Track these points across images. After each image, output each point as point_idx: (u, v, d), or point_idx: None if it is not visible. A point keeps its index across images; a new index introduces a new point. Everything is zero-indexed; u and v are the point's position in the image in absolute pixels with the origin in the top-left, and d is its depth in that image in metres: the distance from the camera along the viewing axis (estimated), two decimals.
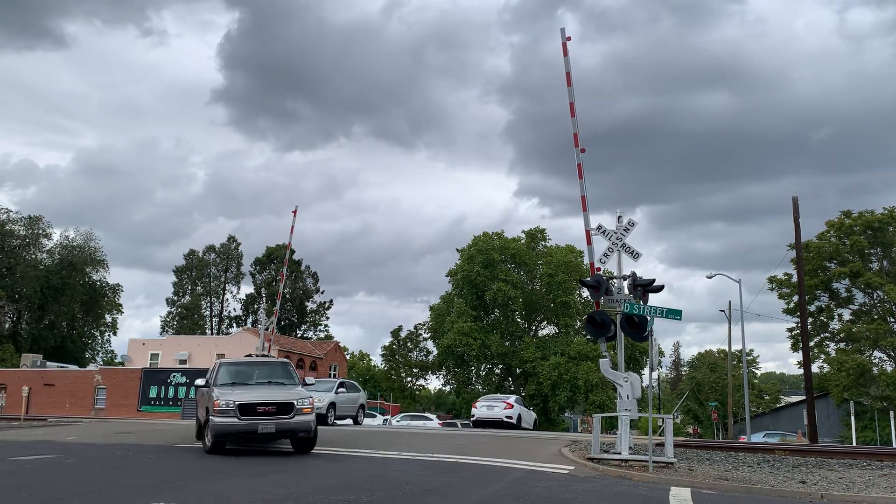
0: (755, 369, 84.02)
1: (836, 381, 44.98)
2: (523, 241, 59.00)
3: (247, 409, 13.22)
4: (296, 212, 28.29)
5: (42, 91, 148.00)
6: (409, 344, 69.23)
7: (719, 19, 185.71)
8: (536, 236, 59.75)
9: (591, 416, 36.08)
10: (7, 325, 62.91)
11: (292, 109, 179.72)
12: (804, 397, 32.96)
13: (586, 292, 40.88)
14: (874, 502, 10.15)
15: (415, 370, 69.10)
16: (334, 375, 52.87)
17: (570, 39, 15.42)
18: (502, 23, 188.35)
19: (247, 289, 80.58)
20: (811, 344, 43.02)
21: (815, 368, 44.33)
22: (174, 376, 42.58)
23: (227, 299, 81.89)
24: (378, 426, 31.29)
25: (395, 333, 69.57)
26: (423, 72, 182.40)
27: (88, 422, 31.50)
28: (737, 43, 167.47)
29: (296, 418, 13.46)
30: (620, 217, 14.89)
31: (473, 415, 29.68)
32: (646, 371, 48.42)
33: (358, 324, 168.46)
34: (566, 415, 64.81)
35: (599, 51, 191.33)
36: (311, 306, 79.49)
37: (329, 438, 16.86)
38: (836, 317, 49.47)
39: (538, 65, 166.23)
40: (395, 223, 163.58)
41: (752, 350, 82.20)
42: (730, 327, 48.09)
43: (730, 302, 67.45)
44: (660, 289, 14.32)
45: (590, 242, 15.04)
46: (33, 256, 66.29)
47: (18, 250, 65.36)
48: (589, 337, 45.13)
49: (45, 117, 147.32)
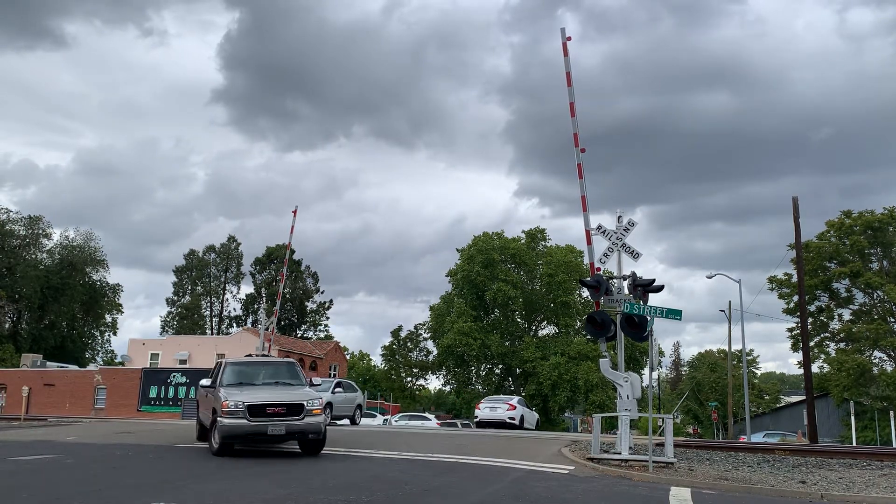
0: (755, 369, 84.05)
1: (836, 381, 44.98)
2: (523, 241, 59.00)
3: (256, 411, 12.92)
4: (296, 212, 28.27)
5: (42, 91, 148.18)
6: (409, 344, 69.24)
7: (719, 19, 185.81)
8: (536, 236, 59.75)
9: (591, 416, 36.08)
10: (7, 325, 62.92)
11: (292, 109, 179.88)
12: (804, 397, 32.96)
13: (586, 292, 40.88)
14: (874, 502, 10.15)
15: (415, 370, 69.11)
16: (334, 375, 52.85)
17: (570, 39, 15.43)
18: (502, 23, 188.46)
19: (247, 289, 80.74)
20: (811, 344, 43.02)
21: (815, 368, 44.36)
22: (174, 376, 42.59)
23: (227, 299, 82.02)
24: (378, 426, 31.28)
25: (395, 333, 69.62)
26: (423, 72, 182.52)
27: (88, 422, 31.50)
28: (737, 43, 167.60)
29: (306, 420, 13.17)
30: (620, 217, 14.89)
31: (477, 416, 29.83)
32: (646, 371, 48.46)
33: (358, 324, 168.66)
34: (566, 415, 64.81)
35: (599, 51, 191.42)
36: (311, 306, 79.50)
37: (329, 438, 16.78)
38: (836, 317, 49.47)
39: (538, 65, 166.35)
40: (395, 223, 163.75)
41: (752, 350, 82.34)
42: (730, 327, 48.16)
43: (730, 302, 67.50)
44: (660, 289, 14.32)
45: (590, 242, 15.03)
46: (33, 256, 66.30)
47: (18, 250, 65.37)
48: (589, 337, 45.13)
49: (45, 117, 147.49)
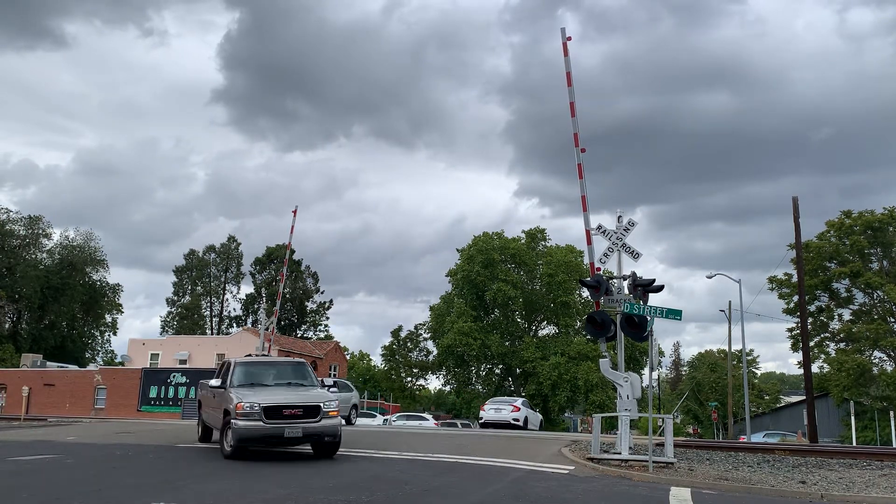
0: (755, 369, 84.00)
1: (836, 381, 44.96)
2: (523, 241, 58.97)
3: (272, 412, 12.53)
4: (296, 212, 28.26)
5: (42, 91, 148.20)
6: (409, 344, 69.19)
7: (719, 19, 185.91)
8: (536, 236, 59.72)
9: (591, 416, 36.09)
10: (7, 325, 62.90)
11: (292, 109, 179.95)
12: (804, 397, 32.95)
13: (586, 292, 40.88)
14: (874, 502, 10.15)
15: (415, 370, 69.09)
16: (334, 375, 52.83)
17: (570, 39, 15.43)
18: (502, 23, 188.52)
19: (247, 289, 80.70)
20: (811, 344, 43.01)
21: (815, 368, 44.34)
22: (174, 376, 42.57)
23: (227, 299, 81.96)
24: (378, 426, 31.29)
25: (395, 333, 69.57)
26: (423, 72, 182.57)
27: (88, 422, 31.51)
28: (737, 43, 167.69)
29: (322, 422, 12.80)
30: (620, 217, 14.89)
31: (481, 417, 30.19)
32: (646, 371, 48.44)
33: (358, 324, 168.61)
34: (566, 415, 64.78)
35: (599, 51, 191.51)
36: (311, 306, 79.47)
37: None
38: (836, 317, 49.44)
39: (538, 65, 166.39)
40: (395, 223, 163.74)
41: (752, 350, 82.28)
42: (730, 327, 48.16)
43: (730, 302, 67.50)
44: (660, 289, 14.32)
45: (590, 242, 15.03)
46: (33, 256, 66.27)
47: (18, 250, 65.34)
48: (589, 337, 45.12)
49: (45, 117, 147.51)
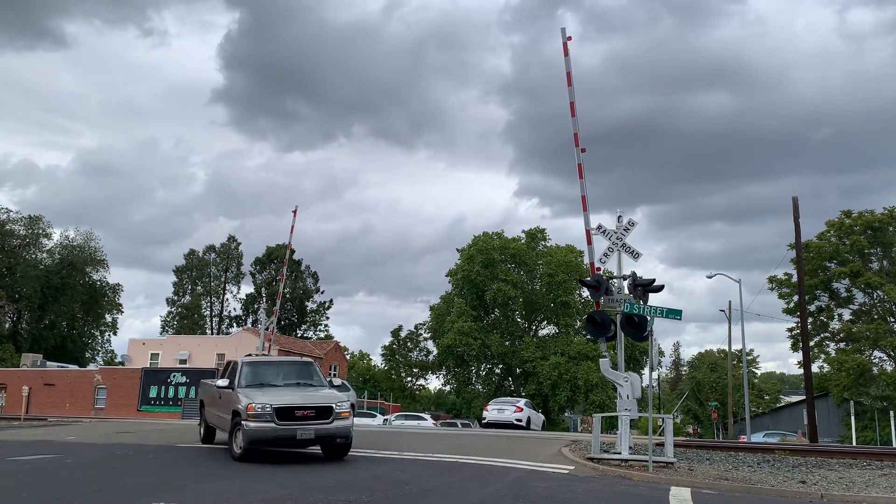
0: (755, 369, 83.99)
1: (836, 381, 44.94)
2: (523, 241, 58.96)
3: (284, 414, 12.29)
4: (296, 212, 28.24)
5: (42, 91, 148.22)
6: (409, 344, 69.20)
7: (719, 19, 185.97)
8: (536, 236, 59.71)
9: (591, 416, 36.07)
10: (7, 325, 62.90)
11: (292, 109, 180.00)
12: (804, 397, 32.95)
13: (586, 292, 40.88)
14: (874, 502, 10.15)
15: (415, 370, 69.09)
16: (334, 375, 52.88)
17: (570, 39, 15.43)
18: (502, 23, 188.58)
19: (247, 289, 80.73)
20: (811, 344, 43.00)
21: (815, 368, 44.33)
22: (174, 376, 42.58)
23: (227, 299, 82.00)
24: (378, 426, 31.29)
25: (395, 333, 69.57)
26: (423, 72, 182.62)
27: (88, 422, 31.52)
28: (737, 43, 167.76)
29: (335, 423, 12.60)
30: (620, 217, 14.89)
31: (484, 417, 30.45)
32: (646, 371, 48.42)
33: (358, 324, 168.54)
34: (566, 415, 64.78)
35: (599, 51, 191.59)
36: (311, 306, 79.49)
37: None
38: (836, 317, 49.41)
39: (538, 65, 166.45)
40: (395, 223, 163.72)
41: (752, 350, 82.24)
42: (730, 327, 48.17)
43: (730, 302, 67.49)
44: (660, 289, 14.32)
45: (590, 242, 15.03)
46: (33, 256, 66.27)
47: (18, 250, 65.35)
48: (589, 337, 45.12)
49: (45, 117, 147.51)
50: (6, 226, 64.39)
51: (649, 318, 13.79)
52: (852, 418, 37.29)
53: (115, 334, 74.68)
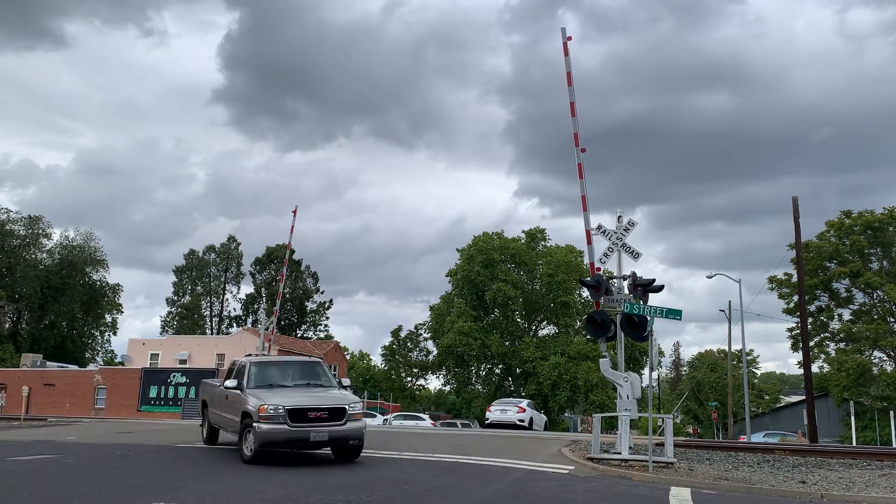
0: (755, 369, 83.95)
1: (836, 381, 44.93)
2: (523, 241, 58.94)
3: (297, 415, 11.97)
4: (296, 212, 28.27)
5: (42, 91, 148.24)
6: (409, 344, 69.18)
7: (719, 19, 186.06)
8: (536, 236, 59.70)
9: (591, 416, 36.07)
10: (7, 325, 62.90)
11: (292, 109, 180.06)
12: (804, 397, 32.94)
13: (586, 292, 40.86)
14: (874, 502, 10.15)
15: (415, 370, 69.08)
16: (334, 376, 52.84)
17: (570, 39, 15.43)
18: (502, 23, 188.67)
19: (247, 289, 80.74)
20: (811, 344, 42.99)
21: (815, 368, 44.31)
22: (174, 376, 42.60)
23: (227, 299, 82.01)
24: (378, 426, 31.29)
25: (395, 333, 69.54)
26: (423, 72, 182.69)
27: (88, 422, 31.52)
28: (737, 43, 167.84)
29: (348, 424, 12.28)
30: (620, 217, 14.89)
31: (488, 418, 30.80)
32: (646, 371, 48.44)
33: (358, 324, 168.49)
34: (566, 415, 64.76)
35: (599, 51, 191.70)
36: (311, 306, 79.49)
37: None
38: (836, 317, 49.39)
39: (538, 65, 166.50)
40: (395, 223, 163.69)
41: (752, 350, 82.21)
42: (730, 327, 48.15)
43: (730, 302, 67.50)
44: (660, 289, 14.32)
45: (590, 242, 15.03)
46: (33, 256, 66.29)
47: (18, 250, 65.36)
48: (589, 337, 45.11)
49: (45, 117, 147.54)
50: (6, 226, 64.41)
51: (649, 318, 13.79)
52: (852, 418, 37.28)
53: (115, 334, 74.85)
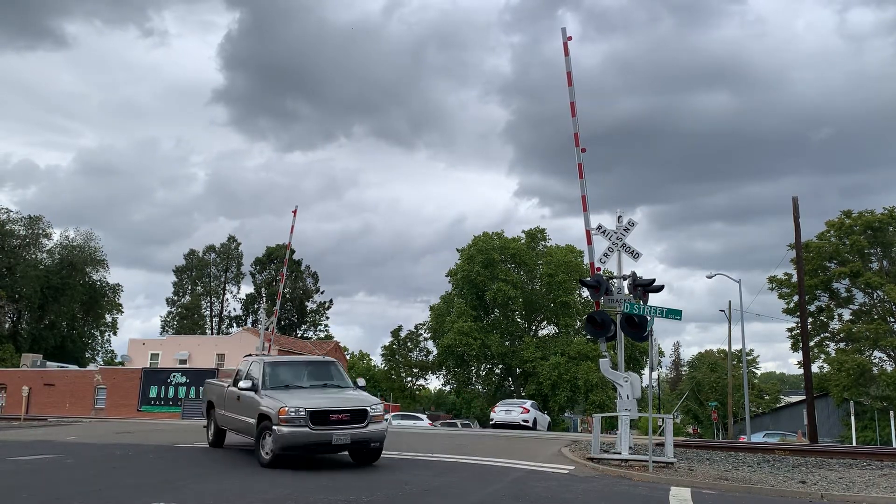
0: (755, 369, 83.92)
1: (836, 381, 44.93)
2: (523, 241, 58.94)
3: (319, 418, 11.53)
4: (296, 212, 28.25)
5: (42, 91, 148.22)
6: (409, 344, 69.15)
7: (719, 19, 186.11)
8: (536, 236, 59.69)
9: (591, 416, 36.08)
10: (7, 325, 62.90)
11: (292, 109, 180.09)
12: (804, 397, 32.94)
13: (586, 292, 40.86)
14: (874, 502, 10.15)
15: (415, 370, 69.06)
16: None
17: (570, 39, 15.44)
18: (502, 23, 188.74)
19: (247, 289, 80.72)
20: (811, 344, 42.99)
21: (815, 368, 44.31)
22: (174, 376, 42.58)
23: (227, 299, 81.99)
24: None
25: (395, 333, 69.51)
26: (423, 72, 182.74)
27: (88, 422, 31.52)
28: (737, 43, 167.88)
29: (370, 426, 11.90)
30: (620, 217, 14.89)
31: (492, 418, 31.28)
32: (646, 371, 48.43)
33: (358, 324, 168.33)
34: (566, 415, 64.75)
35: (599, 51, 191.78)
36: (311, 306, 79.47)
37: None
38: (836, 317, 49.39)
39: (538, 65, 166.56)
40: (395, 223, 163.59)
41: (752, 350, 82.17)
42: (730, 327, 48.14)
43: (730, 302, 67.48)
44: (660, 289, 14.33)
45: (590, 242, 15.03)
46: (33, 256, 66.28)
47: (18, 250, 65.35)
48: (589, 337, 45.11)
49: (45, 117, 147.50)
50: (6, 226, 64.40)
51: (649, 318, 13.79)
52: (852, 418, 37.29)
53: (115, 334, 74.80)
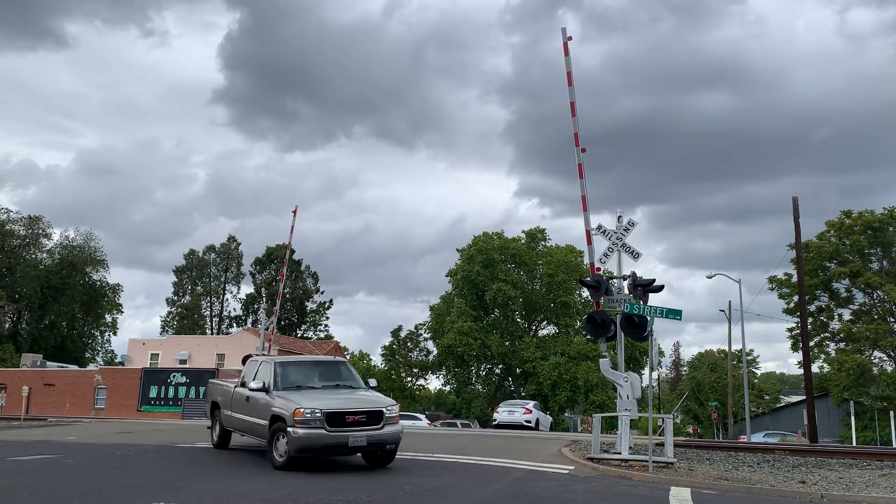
0: (755, 369, 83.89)
1: (836, 381, 44.93)
2: (523, 241, 58.92)
3: (335, 419, 11.35)
4: (296, 212, 28.21)
5: (42, 91, 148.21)
6: (409, 344, 69.14)
7: (719, 19, 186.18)
8: (536, 236, 59.68)
9: (591, 416, 36.08)
10: (7, 325, 62.88)
11: (292, 109, 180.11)
12: (804, 397, 32.94)
13: (586, 292, 40.86)
14: (874, 502, 10.15)
15: (415, 370, 69.05)
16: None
17: (570, 39, 15.44)
18: (503, 23, 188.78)
19: (247, 289, 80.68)
20: (811, 344, 42.99)
21: (815, 368, 44.30)
22: (174, 376, 42.54)
23: (227, 299, 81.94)
24: None
25: (395, 333, 69.47)
26: (424, 72, 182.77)
27: (88, 422, 31.52)
28: (737, 43, 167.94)
29: (386, 428, 11.76)
30: (620, 217, 14.89)
31: (495, 419, 31.65)
32: (646, 371, 48.42)
33: (358, 324, 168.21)
34: (566, 415, 64.74)
35: (600, 51, 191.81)
36: (311, 306, 79.44)
37: None
38: (836, 317, 49.38)
39: (538, 65, 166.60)
40: (395, 223, 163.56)
41: (752, 350, 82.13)
42: (730, 327, 48.16)
43: (730, 302, 67.50)
44: (660, 289, 14.33)
45: (590, 242, 15.03)
46: (33, 256, 66.25)
47: (18, 250, 65.33)
48: (589, 337, 45.10)
49: (45, 117, 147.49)
50: (6, 226, 64.38)
51: (649, 319, 13.79)
52: (852, 418, 37.30)
53: (115, 334, 74.74)
